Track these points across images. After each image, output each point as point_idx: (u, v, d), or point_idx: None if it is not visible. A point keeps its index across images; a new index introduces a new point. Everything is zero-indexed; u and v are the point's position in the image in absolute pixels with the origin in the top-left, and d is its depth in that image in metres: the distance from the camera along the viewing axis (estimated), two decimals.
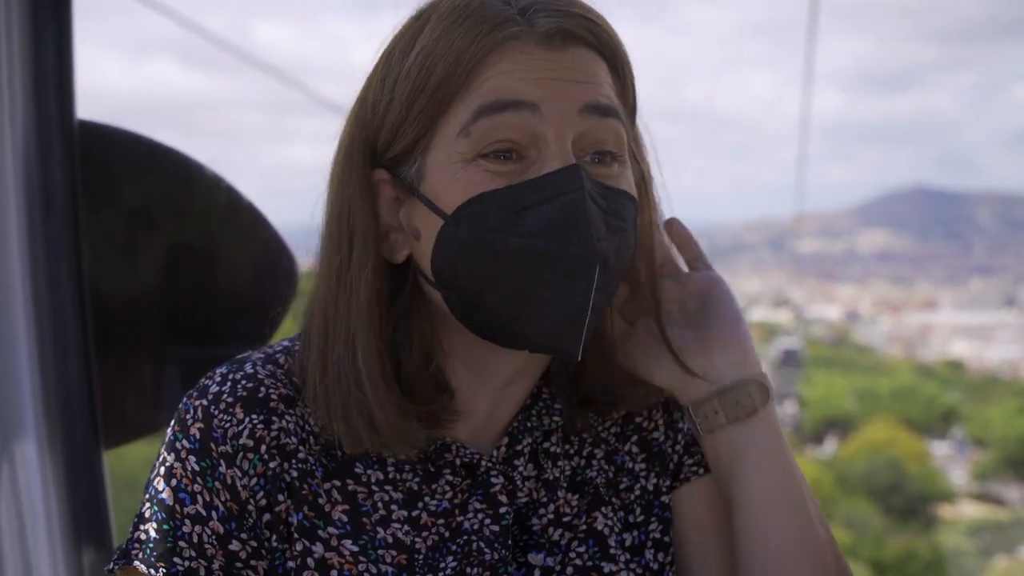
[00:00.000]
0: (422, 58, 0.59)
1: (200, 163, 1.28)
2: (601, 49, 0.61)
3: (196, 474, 0.63)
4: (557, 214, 0.58)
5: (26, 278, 1.10)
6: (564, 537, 0.68)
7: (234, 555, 0.63)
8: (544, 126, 0.58)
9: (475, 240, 0.59)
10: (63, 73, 1.12)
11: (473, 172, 0.59)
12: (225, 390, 0.64)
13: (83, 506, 1.13)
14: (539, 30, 0.59)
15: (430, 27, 0.61)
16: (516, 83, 0.58)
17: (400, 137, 0.61)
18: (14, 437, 1.09)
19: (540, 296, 0.59)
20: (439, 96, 0.59)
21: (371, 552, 0.64)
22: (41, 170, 1.12)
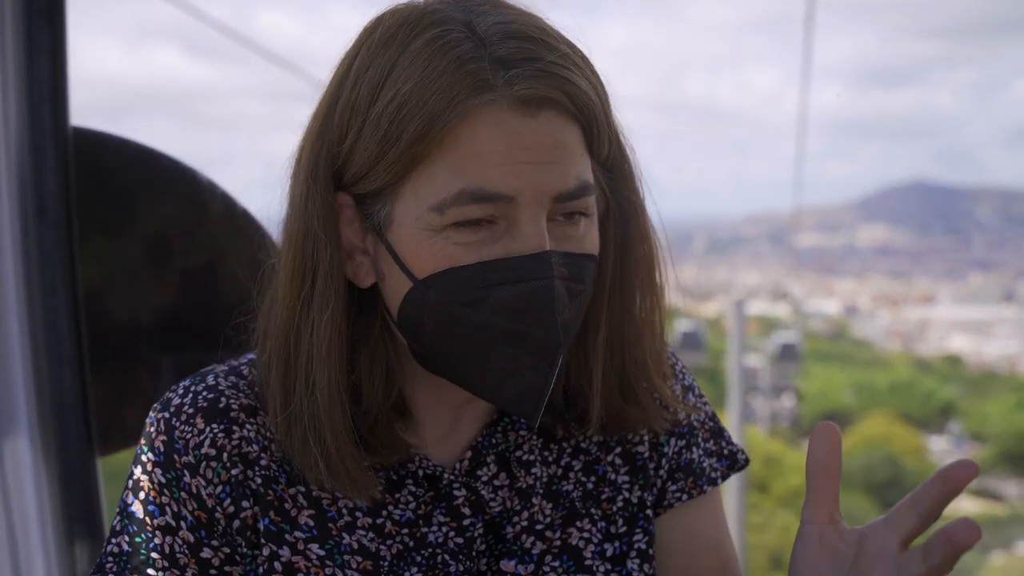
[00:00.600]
0: (394, 108, 0.58)
1: (194, 169, 1.27)
2: (575, 111, 0.59)
3: (163, 486, 0.64)
4: (525, 298, 0.59)
5: (20, 285, 1.10)
6: (536, 547, 0.68)
7: (207, 562, 0.64)
8: (518, 210, 0.59)
9: (444, 308, 0.60)
10: (57, 80, 1.11)
11: (443, 243, 0.59)
12: (187, 402, 0.66)
13: (77, 513, 1.13)
14: (514, 93, 0.57)
15: (403, 66, 0.58)
16: (495, 172, 0.57)
17: (367, 180, 0.60)
18: (8, 444, 1.09)
19: (502, 369, 0.60)
20: (410, 155, 0.58)
21: (337, 557, 0.64)
22: (35, 177, 1.11)
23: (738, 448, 0.76)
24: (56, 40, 1.10)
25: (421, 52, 0.58)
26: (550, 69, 0.58)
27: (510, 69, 0.57)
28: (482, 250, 0.59)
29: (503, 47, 0.58)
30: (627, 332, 0.67)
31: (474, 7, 0.60)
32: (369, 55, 0.60)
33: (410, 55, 0.58)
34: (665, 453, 0.73)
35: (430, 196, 0.59)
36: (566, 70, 0.58)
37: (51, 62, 1.10)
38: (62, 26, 1.11)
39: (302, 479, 0.65)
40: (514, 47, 0.58)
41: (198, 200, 1.26)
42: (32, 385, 1.10)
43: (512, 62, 0.57)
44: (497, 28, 0.59)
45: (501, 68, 0.57)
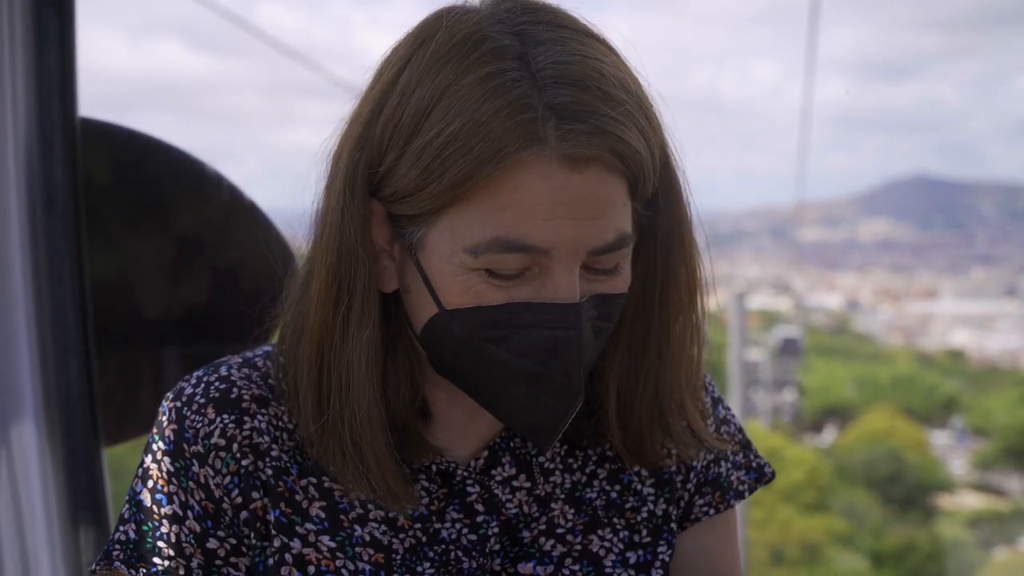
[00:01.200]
0: (440, 144, 0.56)
1: (201, 161, 1.27)
2: (623, 168, 0.58)
3: (171, 475, 0.64)
4: (551, 344, 0.59)
5: (27, 275, 1.10)
6: (556, 549, 0.68)
7: (212, 553, 0.64)
8: (552, 261, 0.58)
9: (468, 340, 0.60)
10: (65, 71, 1.11)
11: (474, 280, 0.59)
12: (198, 392, 0.65)
13: (82, 502, 1.13)
14: (564, 150, 0.56)
15: (453, 99, 0.56)
16: (532, 225, 0.57)
17: (404, 203, 0.60)
18: (15, 434, 1.09)
19: (519, 404, 0.61)
20: (451, 194, 0.57)
21: (348, 549, 0.64)
22: (43, 168, 1.12)
23: (766, 461, 0.76)
24: (65, 31, 1.10)
25: (473, 90, 0.56)
26: (604, 126, 0.56)
27: (562, 121, 0.56)
28: (512, 291, 0.59)
29: (558, 95, 0.56)
30: (664, 355, 0.66)
31: (531, 31, 0.58)
32: (418, 72, 0.58)
33: (462, 89, 0.56)
34: (694, 467, 0.72)
35: (465, 238, 0.58)
36: (619, 126, 0.56)
37: (60, 53, 1.10)
38: (71, 17, 1.11)
39: (313, 470, 0.65)
40: (569, 97, 0.56)
41: (205, 192, 1.27)
42: (39, 375, 1.11)
43: (565, 113, 0.56)
44: (553, 69, 0.56)
45: (554, 117, 0.56)
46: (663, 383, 0.66)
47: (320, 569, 0.63)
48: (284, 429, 0.65)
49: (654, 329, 0.66)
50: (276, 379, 0.67)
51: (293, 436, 0.65)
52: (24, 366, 1.10)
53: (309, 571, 0.63)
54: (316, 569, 0.63)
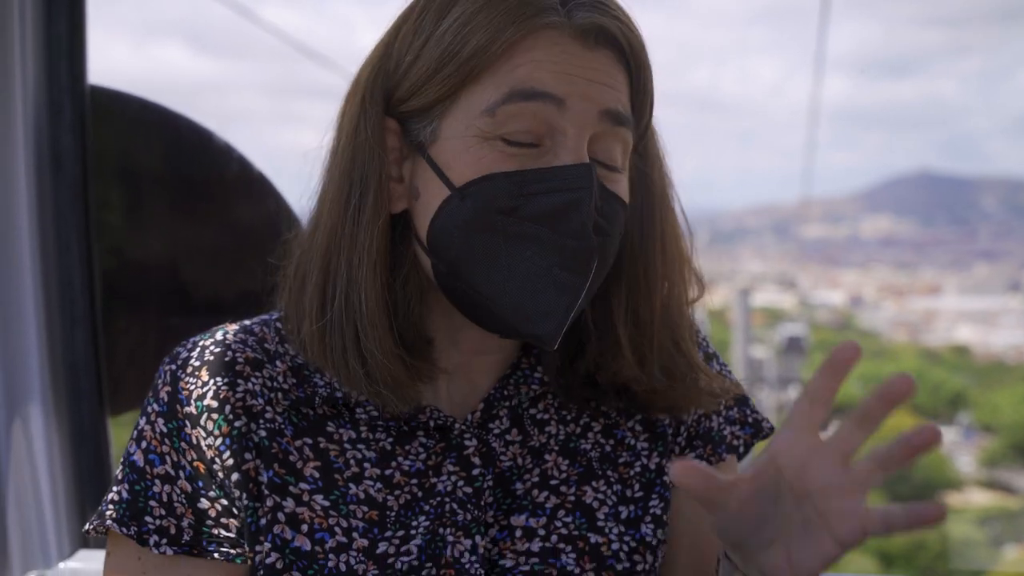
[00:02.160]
0: (459, 25, 0.60)
1: (211, 131, 1.26)
2: (628, 56, 0.63)
3: (164, 436, 0.65)
4: (562, 206, 0.60)
5: (34, 243, 1.10)
6: (549, 500, 0.67)
7: (203, 513, 0.64)
8: (564, 121, 0.60)
9: (478, 217, 0.60)
10: (75, 38, 1.11)
11: (488, 149, 0.60)
12: (193, 355, 0.67)
13: (88, 472, 1.13)
14: (576, 23, 0.60)
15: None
16: (547, 75, 0.60)
17: (420, 95, 0.62)
18: (21, 403, 1.09)
19: (530, 286, 0.60)
20: (469, 66, 0.60)
21: (342, 507, 0.64)
22: (51, 135, 1.11)
23: (763, 416, 0.75)
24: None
25: None
26: (614, 12, 0.62)
27: (576, 2, 0.61)
28: (525, 163, 0.61)
29: None
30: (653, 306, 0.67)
31: None
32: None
33: None
34: (684, 420, 0.72)
35: (482, 103, 0.61)
36: (626, 17, 0.63)
37: (69, 19, 1.10)
38: None
39: (308, 431, 0.65)
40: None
41: (215, 162, 1.26)
42: (45, 343, 1.10)
43: (581, 1, 0.61)
44: None
45: (568, 1, 0.61)
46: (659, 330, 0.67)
47: (313, 527, 0.64)
48: (279, 390, 0.66)
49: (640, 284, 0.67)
50: (272, 341, 0.67)
51: (288, 396, 0.66)
52: (31, 334, 1.09)
53: (302, 529, 0.63)
54: (309, 527, 0.64)
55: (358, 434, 0.66)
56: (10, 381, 1.08)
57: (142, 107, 1.22)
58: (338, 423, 0.66)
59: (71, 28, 1.10)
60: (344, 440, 0.66)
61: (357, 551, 0.63)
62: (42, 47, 1.09)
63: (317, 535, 0.63)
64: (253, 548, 0.64)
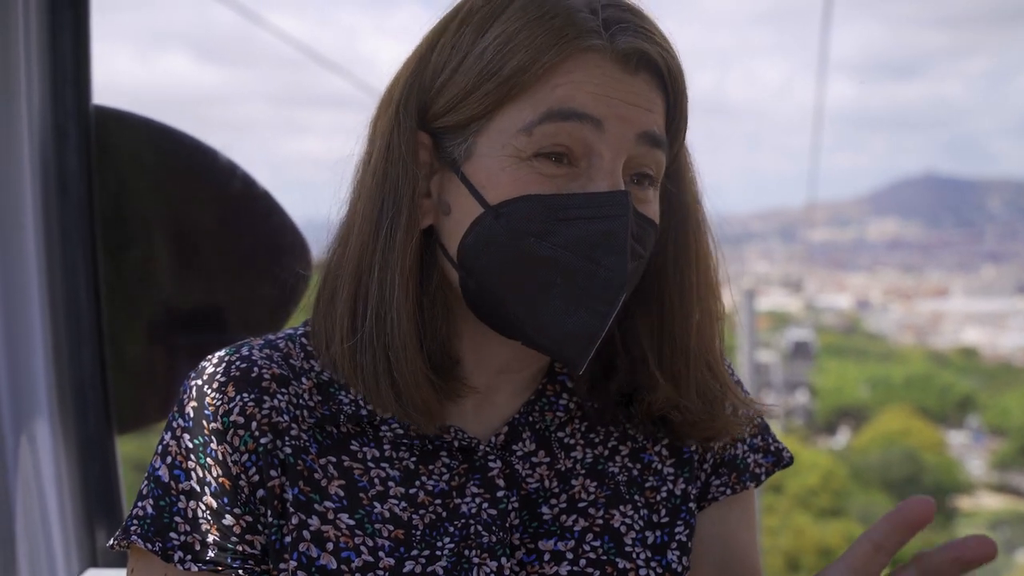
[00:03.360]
0: (500, 42, 0.60)
1: (215, 149, 1.27)
2: (667, 81, 0.62)
3: (190, 451, 0.64)
4: (597, 234, 0.59)
5: (41, 263, 1.10)
6: (578, 523, 0.67)
7: (228, 529, 0.64)
8: (602, 143, 0.60)
9: (511, 238, 0.60)
10: (80, 59, 1.12)
11: (525, 170, 0.60)
12: (219, 371, 0.66)
13: (96, 490, 1.14)
14: (618, 47, 0.60)
15: (510, 14, 0.61)
16: (586, 96, 0.60)
17: (456, 111, 0.61)
18: (29, 421, 1.10)
19: (558, 307, 0.60)
20: (509, 85, 0.60)
21: (368, 526, 0.64)
22: (57, 156, 1.12)
23: (784, 446, 0.75)
24: (79, 20, 1.11)
25: (532, 5, 0.61)
26: (654, 38, 0.62)
27: (618, 27, 0.61)
28: (561, 186, 0.60)
29: (613, 11, 0.61)
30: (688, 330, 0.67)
31: None
32: (473, 6, 0.62)
33: (521, 6, 0.61)
34: (711, 447, 0.71)
35: (519, 122, 0.60)
36: (667, 43, 0.63)
37: (74, 42, 1.11)
38: (85, 6, 1.12)
39: (332, 449, 0.65)
40: (624, 14, 0.62)
41: (218, 180, 1.27)
42: (52, 363, 1.11)
43: (621, 25, 0.61)
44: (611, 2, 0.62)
45: (612, 25, 0.61)
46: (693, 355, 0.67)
47: (339, 546, 0.63)
48: (304, 407, 0.65)
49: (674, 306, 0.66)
50: (298, 357, 0.67)
51: (313, 414, 0.65)
52: (37, 353, 1.10)
53: (327, 548, 0.63)
54: (335, 546, 0.63)
55: (382, 453, 0.65)
56: (17, 399, 1.09)
57: (145, 126, 1.23)
58: (362, 441, 0.65)
59: (75, 51, 1.11)
60: (368, 459, 0.65)
61: (384, 570, 0.62)
62: (47, 70, 1.10)
63: (343, 554, 0.63)
64: (278, 566, 0.63)
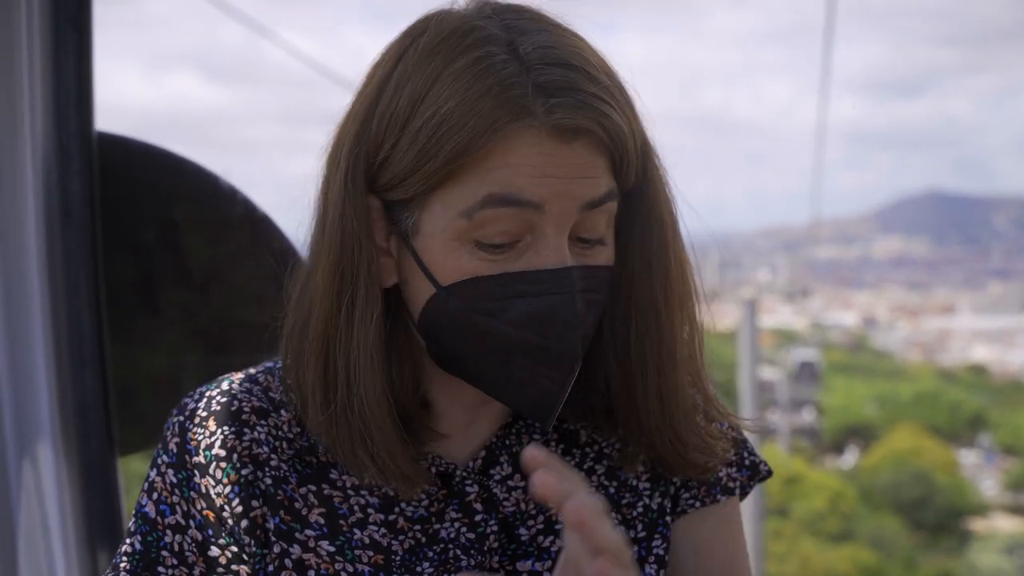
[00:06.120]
0: (434, 124, 0.59)
1: (216, 174, 1.29)
2: (609, 144, 0.60)
3: (174, 486, 0.66)
4: (546, 311, 0.60)
5: (44, 286, 1.12)
6: (555, 544, 0.68)
7: (214, 561, 0.65)
8: (544, 222, 0.60)
9: (465, 316, 0.61)
10: (83, 85, 1.13)
11: (467, 255, 0.60)
12: (200, 406, 0.68)
13: (98, 511, 1.14)
14: (553, 122, 0.58)
15: (445, 83, 0.59)
16: (524, 180, 0.59)
17: (398, 188, 0.61)
18: (31, 443, 1.10)
19: (517, 377, 0.62)
20: (446, 170, 0.59)
21: (348, 552, 0.65)
22: (60, 181, 1.13)
23: (761, 459, 0.75)
24: (83, 45, 1.13)
25: (465, 72, 0.59)
26: (589, 101, 0.59)
27: (551, 97, 0.58)
28: (506, 264, 0.60)
29: (545, 73, 0.58)
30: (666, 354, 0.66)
31: (516, 23, 0.61)
32: (412, 64, 0.61)
33: (453, 73, 0.59)
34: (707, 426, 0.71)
35: (459, 203, 0.60)
36: (604, 103, 0.59)
37: (77, 67, 1.13)
38: (89, 32, 1.13)
39: (312, 478, 0.66)
40: (556, 74, 0.59)
41: (219, 204, 1.28)
42: (54, 384, 1.12)
43: (553, 90, 0.58)
44: (539, 52, 0.59)
45: (542, 95, 0.58)
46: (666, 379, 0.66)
47: (320, 572, 0.64)
48: (283, 439, 0.67)
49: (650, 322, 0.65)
50: (277, 390, 0.68)
51: (292, 445, 0.67)
52: (40, 375, 1.11)
53: (309, 575, 0.64)
54: (316, 573, 0.64)
55: (361, 480, 0.66)
56: (20, 421, 1.10)
57: (147, 152, 1.25)
58: (341, 470, 0.67)
59: (78, 76, 1.12)
60: (348, 487, 0.66)
61: None
62: (50, 95, 1.11)
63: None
64: None
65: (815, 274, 68.28)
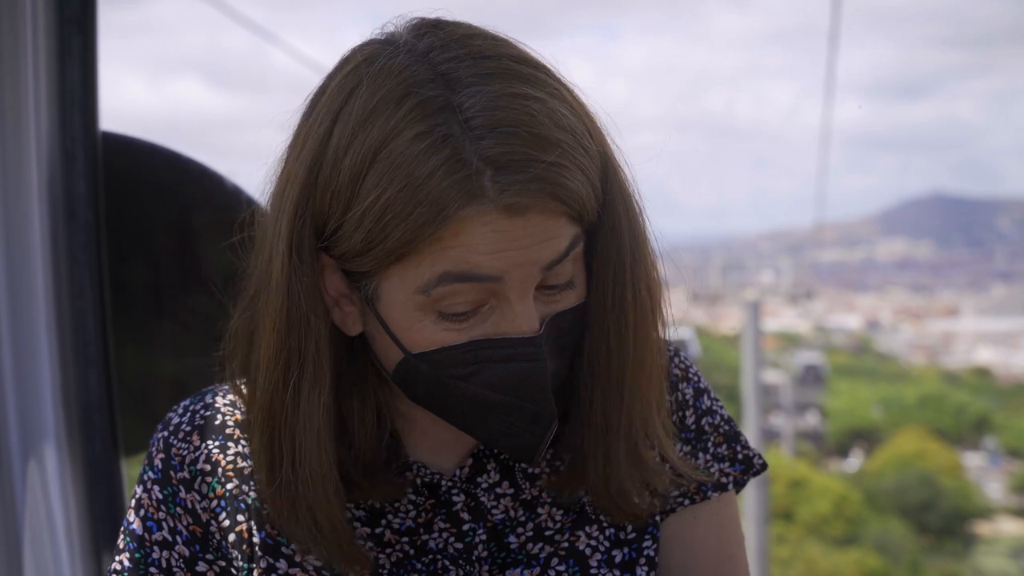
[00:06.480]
0: (379, 211, 0.55)
1: (221, 174, 1.29)
2: (563, 207, 0.57)
3: (160, 502, 0.66)
4: (516, 377, 0.59)
5: (49, 288, 1.12)
6: (544, 551, 0.67)
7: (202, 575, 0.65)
8: (506, 289, 0.58)
9: (438, 380, 0.60)
10: (87, 86, 1.14)
11: (431, 324, 0.58)
12: (184, 420, 0.68)
13: (102, 513, 1.14)
14: (504, 201, 0.55)
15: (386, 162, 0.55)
16: (480, 258, 0.56)
17: (356, 261, 0.59)
18: (37, 444, 1.10)
19: (497, 430, 0.61)
20: (396, 255, 0.57)
21: (335, 566, 0.64)
22: (64, 181, 1.14)
23: (755, 453, 0.74)
24: (87, 47, 1.13)
25: (405, 152, 0.55)
26: (542, 174, 0.55)
27: (500, 172, 0.55)
28: (473, 331, 0.59)
29: (491, 145, 0.55)
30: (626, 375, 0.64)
31: (455, 74, 0.56)
32: (348, 132, 0.57)
33: (394, 153, 0.55)
34: (667, 461, 0.71)
35: (415, 279, 0.57)
36: (556, 171, 0.56)
37: (82, 68, 1.13)
38: (93, 33, 1.14)
39: None
40: (504, 145, 0.55)
41: (225, 205, 1.28)
42: (59, 386, 1.12)
43: (500, 164, 0.55)
44: (483, 117, 0.55)
45: (489, 168, 0.55)
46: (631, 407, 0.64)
47: None
48: None
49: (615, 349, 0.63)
50: None
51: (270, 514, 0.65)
52: (44, 376, 1.11)
53: None
54: None
55: (303, 556, 0.65)
56: (25, 422, 1.10)
57: (152, 151, 1.25)
58: None
59: (83, 78, 1.13)
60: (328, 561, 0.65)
61: None
62: (55, 97, 1.12)
63: None
64: None
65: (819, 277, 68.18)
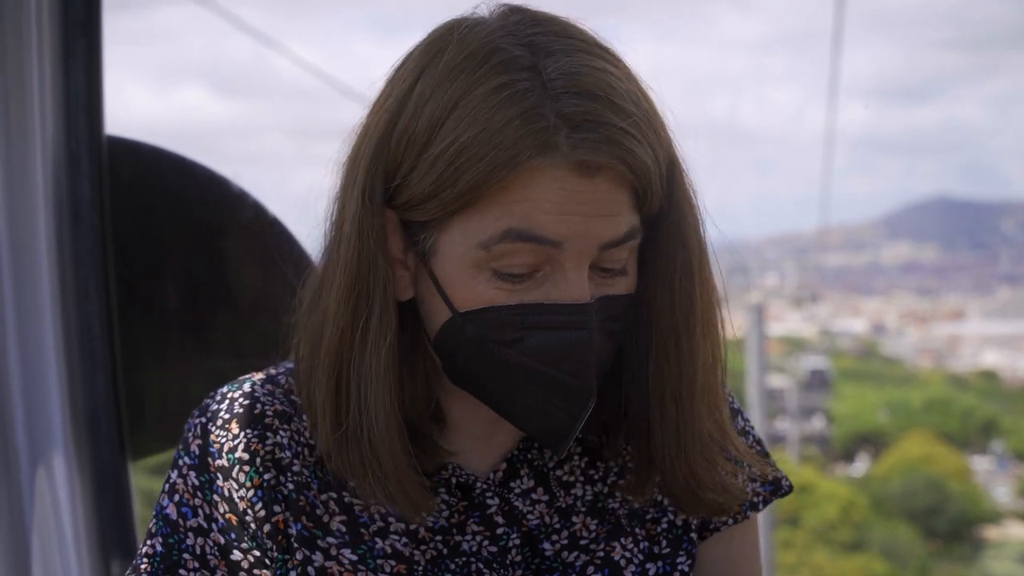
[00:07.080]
0: (454, 152, 0.57)
1: (226, 178, 1.29)
2: (632, 178, 0.59)
3: (196, 488, 0.65)
4: (562, 346, 0.59)
5: (55, 291, 1.11)
6: (579, 559, 0.67)
7: (236, 565, 0.65)
8: (563, 257, 0.59)
9: (481, 344, 0.60)
10: (92, 89, 1.14)
11: (484, 282, 0.59)
12: (223, 408, 0.67)
13: (110, 517, 1.13)
14: (576, 157, 0.57)
15: (466, 109, 0.57)
16: (545, 218, 0.57)
17: (419, 210, 0.60)
18: (44, 449, 1.10)
19: (532, 407, 0.61)
20: (465, 199, 0.58)
21: (370, 561, 0.64)
22: (70, 185, 1.13)
23: (783, 474, 0.74)
24: (92, 50, 1.13)
25: (486, 100, 0.57)
26: (614, 136, 0.57)
27: (574, 130, 0.57)
28: (524, 294, 0.59)
29: (569, 103, 0.57)
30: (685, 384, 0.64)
31: (541, 42, 0.59)
32: (432, 84, 0.59)
33: (474, 100, 0.57)
34: (741, 455, 0.70)
35: (478, 233, 0.59)
36: (629, 137, 0.58)
37: (87, 72, 1.13)
38: (98, 37, 1.14)
39: (333, 485, 0.65)
40: (581, 105, 0.57)
41: (230, 208, 1.28)
42: (66, 390, 1.11)
43: (576, 123, 0.57)
44: (564, 79, 0.57)
45: (565, 127, 0.57)
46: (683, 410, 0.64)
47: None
48: (306, 444, 0.66)
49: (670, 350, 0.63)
50: (298, 394, 0.67)
51: (314, 452, 0.66)
52: (51, 380, 1.10)
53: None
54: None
55: (368, 505, 0.66)
56: (32, 427, 1.09)
57: (158, 155, 1.25)
58: None
59: (88, 81, 1.12)
60: (393, 508, 0.65)
61: None
62: (60, 100, 1.11)
63: None
64: None
65: (824, 281, 68.10)
